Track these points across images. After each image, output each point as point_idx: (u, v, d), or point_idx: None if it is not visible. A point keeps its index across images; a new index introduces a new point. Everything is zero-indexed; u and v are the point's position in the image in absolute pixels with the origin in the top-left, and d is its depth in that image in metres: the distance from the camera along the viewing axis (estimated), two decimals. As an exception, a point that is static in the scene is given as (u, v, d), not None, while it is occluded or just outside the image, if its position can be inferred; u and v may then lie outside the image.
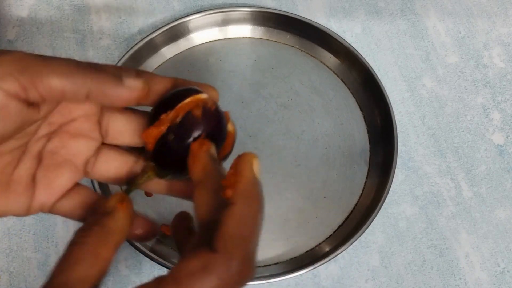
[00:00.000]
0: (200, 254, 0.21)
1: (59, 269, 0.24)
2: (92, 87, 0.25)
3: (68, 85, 0.24)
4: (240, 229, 0.21)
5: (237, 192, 0.22)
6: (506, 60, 0.55)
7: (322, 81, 0.53)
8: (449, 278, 0.46)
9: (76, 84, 0.24)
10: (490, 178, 0.50)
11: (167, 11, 0.56)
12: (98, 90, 0.25)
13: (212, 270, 0.20)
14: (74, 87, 0.24)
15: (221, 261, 0.21)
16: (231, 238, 0.21)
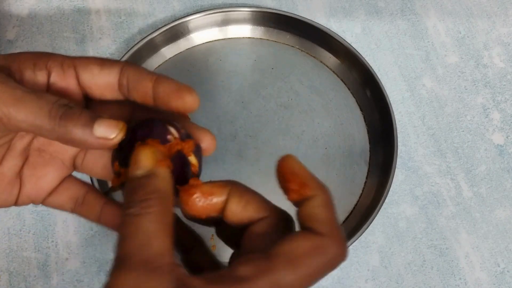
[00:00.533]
0: (308, 237, 0.23)
1: (134, 246, 0.22)
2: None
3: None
4: (333, 214, 0.24)
5: (312, 186, 0.25)
6: (506, 60, 0.55)
7: (322, 81, 0.53)
8: (449, 278, 0.46)
9: (44, 132, 0.25)
10: (490, 178, 0.50)
11: (167, 11, 0.56)
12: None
13: (324, 250, 0.23)
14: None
15: (331, 243, 0.23)
16: (331, 222, 0.24)
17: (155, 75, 0.28)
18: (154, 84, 0.27)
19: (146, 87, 0.27)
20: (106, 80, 0.28)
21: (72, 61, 0.28)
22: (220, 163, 0.49)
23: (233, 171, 0.49)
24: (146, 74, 0.28)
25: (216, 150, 0.51)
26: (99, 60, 0.28)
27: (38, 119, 0.24)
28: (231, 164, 0.49)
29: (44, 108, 0.24)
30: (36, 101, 0.25)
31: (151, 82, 0.27)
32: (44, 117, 0.24)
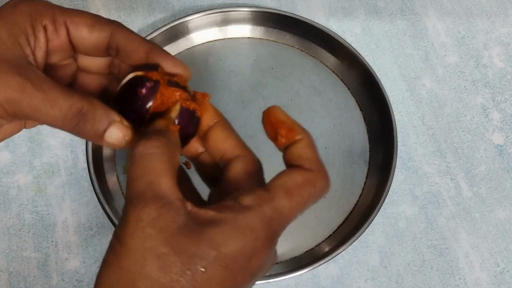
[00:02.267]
0: (300, 172, 0.27)
1: (145, 185, 0.24)
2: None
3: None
4: (317, 153, 0.28)
5: (298, 131, 0.28)
6: (506, 60, 0.55)
7: (321, 81, 0.53)
8: (449, 278, 0.46)
9: (57, 127, 0.28)
10: (489, 178, 0.50)
11: (167, 11, 0.56)
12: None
13: (314, 183, 0.27)
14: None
15: (319, 177, 0.27)
16: (317, 160, 0.27)
17: (148, 44, 0.30)
18: (149, 56, 0.30)
19: (139, 55, 0.30)
20: (94, 42, 0.30)
21: (63, 18, 0.29)
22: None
23: (233, 171, 0.49)
24: (138, 42, 0.30)
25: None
26: (90, 20, 0.30)
27: (56, 123, 0.27)
28: (231, 164, 0.49)
29: (63, 115, 0.27)
30: (66, 106, 0.27)
31: (144, 53, 0.30)
32: (63, 124, 0.27)
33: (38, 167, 0.49)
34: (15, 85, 0.26)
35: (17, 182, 0.48)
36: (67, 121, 0.27)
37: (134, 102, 0.29)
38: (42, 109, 0.26)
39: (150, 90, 0.29)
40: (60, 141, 0.50)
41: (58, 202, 0.47)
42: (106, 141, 0.28)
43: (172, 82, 0.30)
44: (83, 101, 0.27)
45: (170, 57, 0.32)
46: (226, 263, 0.23)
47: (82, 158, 0.49)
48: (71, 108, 0.27)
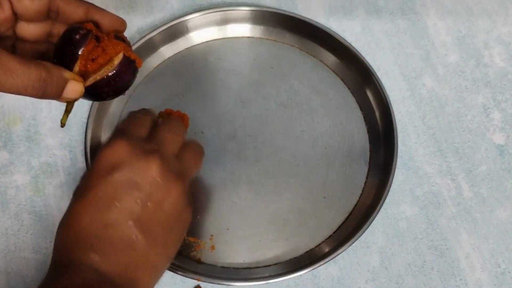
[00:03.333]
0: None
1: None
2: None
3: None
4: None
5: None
6: (507, 60, 0.55)
7: (321, 80, 0.53)
8: (450, 279, 0.46)
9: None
10: (490, 178, 0.50)
11: (166, 10, 0.56)
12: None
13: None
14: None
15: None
16: None
17: (85, 4, 0.34)
18: (87, 15, 0.34)
19: (78, 15, 0.34)
20: (36, 9, 0.33)
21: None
22: (219, 163, 0.49)
23: (232, 171, 0.49)
24: (76, 3, 0.34)
25: (216, 150, 0.51)
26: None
27: (19, 91, 0.30)
28: (230, 163, 0.49)
29: (24, 84, 0.30)
30: (26, 76, 0.30)
31: (83, 12, 0.34)
32: (26, 91, 0.30)
33: (37, 167, 0.48)
34: None
35: (15, 182, 0.48)
36: (30, 89, 0.30)
37: (69, 47, 0.33)
38: (5, 81, 0.29)
39: (83, 36, 0.33)
40: (59, 141, 0.49)
41: (57, 202, 0.47)
42: (64, 98, 0.32)
43: (118, 36, 0.35)
44: (40, 68, 0.30)
45: (107, 13, 0.35)
46: None
47: (81, 158, 0.49)
48: (31, 76, 0.30)
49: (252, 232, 0.46)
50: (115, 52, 0.34)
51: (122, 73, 0.34)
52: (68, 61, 0.33)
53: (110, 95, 0.35)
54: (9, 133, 0.50)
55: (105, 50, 0.34)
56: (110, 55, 0.34)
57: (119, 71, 0.34)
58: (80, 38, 0.33)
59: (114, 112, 0.51)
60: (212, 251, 0.45)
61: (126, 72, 0.35)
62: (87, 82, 0.34)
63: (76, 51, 0.33)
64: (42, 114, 0.50)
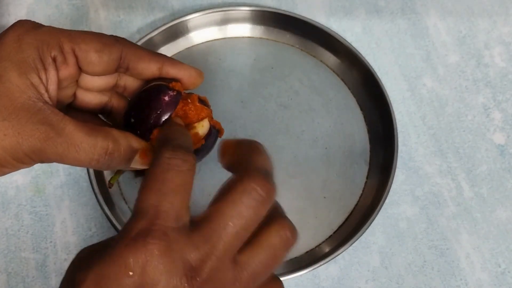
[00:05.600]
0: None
1: (163, 198, 0.22)
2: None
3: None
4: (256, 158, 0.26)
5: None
6: (507, 60, 0.55)
7: (322, 80, 0.53)
8: (450, 279, 0.46)
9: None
10: (491, 178, 0.50)
11: (166, 10, 0.56)
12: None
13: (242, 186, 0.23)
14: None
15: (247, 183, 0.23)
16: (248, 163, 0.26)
17: (159, 58, 0.30)
18: (162, 70, 0.31)
19: (151, 71, 0.30)
20: (104, 65, 0.29)
21: (71, 46, 0.28)
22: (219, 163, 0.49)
23: (232, 171, 0.48)
24: (148, 58, 0.30)
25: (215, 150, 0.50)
26: (97, 44, 0.29)
27: (82, 165, 0.27)
28: (231, 164, 0.49)
29: (88, 158, 0.27)
30: (91, 150, 0.26)
31: (157, 68, 0.30)
32: (90, 165, 0.27)
33: (37, 167, 0.48)
34: (38, 135, 0.25)
35: (16, 182, 0.48)
36: (94, 162, 0.27)
37: (154, 109, 0.28)
38: (68, 155, 0.26)
39: (173, 98, 0.28)
40: (59, 141, 0.49)
41: (57, 202, 0.47)
42: (131, 168, 0.28)
43: (201, 99, 0.31)
44: (107, 140, 0.27)
45: (184, 66, 0.32)
46: None
47: (81, 158, 0.49)
48: (96, 150, 0.27)
49: (252, 232, 0.46)
50: (198, 119, 0.29)
51: (207, 146, 0.29)
52: (149, 128, 0.28)
53: None
54: (10, 133, 0.50)
55: (187, 115, 0.29)
56: (192, 122, 0.29)
57: (205, 143, 0.29)
58: (169, 102, 0.28)
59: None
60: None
61: (211, 143, 0.30)
62: None
63: (161, 118, 0.28)
64: (43, 114, 0.50)
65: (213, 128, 0.30)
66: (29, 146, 0.25)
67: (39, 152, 0.26)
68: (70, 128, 0.26)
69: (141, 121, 0.28)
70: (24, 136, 0.25)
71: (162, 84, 0.29)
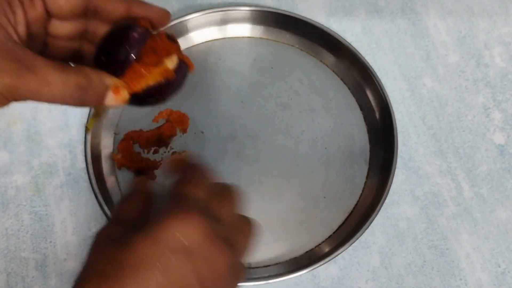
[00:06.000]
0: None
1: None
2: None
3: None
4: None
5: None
6: (507, 60, 0.55)
7: (322, 80, 0.53)
8: (450, 279, 0.46)
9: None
10: (491, 178, 0.50)
11: (166, 10, 0.55)
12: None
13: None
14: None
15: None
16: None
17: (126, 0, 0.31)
18: (130, 10, 0.31)
19: (119, 12, 0.31)
20: (71, 8, 0.30)
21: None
22: (219, 163, 0.49)
23: (232, 171, 0.48)
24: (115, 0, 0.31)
25: (216, 150, 0.51)
26: None
27: (56, 101, 0.27)
28: (231, 164, 0.49)
29: (62, 93, 0.27)
30: (64, 85, 0.27)
31: (125, 9, 0.31)
32: (64, 101, 0.28)
33: (37, 167, 0.48)
34: (10, 72, 0.26)
35: (15, 182, 0.48)
36: (68, 98, 0.28)
37: (123, 46, 0.29)
38: (41, 91, 0.27)
39: (141, 35, 0.29)
40: (59, 141, 0.49)
41: (57, 202, 0.47)
42: (105, 105, 0.29)
43: (169, 36, 0.31)
44: (79, 75, 0.28)
45: (152, 7, 0.32)
46: None
47: (81, 158, 0.49)
48: (68, 85, 0.27)
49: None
50: (167, 54, 0.30)
51: (178, 79, 0.31)
52: (119, 64, 0.29)
53: (159, 101, 0.32)
54: (9, 133, 0.50)
55: (156, 52, 0.30)
56: (161, 57, 0.30)
57: (176, 77, 0.30)
58: (138, 38, 0.29)
59: (114, 112, 0.51)
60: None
61: (181, 77, 0.31)
62: (137, 87, 0.30)
63: (131, 53, 0.29)
64: (42, 114, 0.50)
65: (182, 62, 0.31)
66: (2, 83, 0.26)
67: (12, 89, 0.26)
68: (41, 65, 0.27)
69: (111, 58, 0.29)
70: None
71: (130, 22, 0.30)
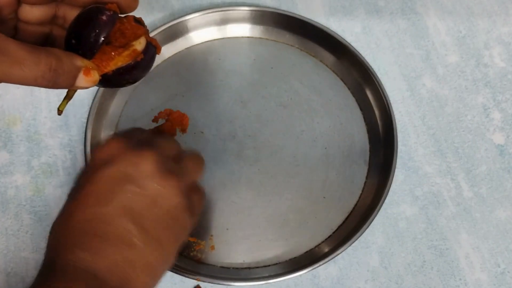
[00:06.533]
0: None
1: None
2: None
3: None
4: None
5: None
6: (507, 60, 0.55)
7: (321, 80, 0.53)
8: (449, 279, 0.46)
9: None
10: (490, 178, 0.50)
11: (166, 9, 0.56)
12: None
13: None
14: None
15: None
16: None
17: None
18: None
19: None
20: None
21: None
22: (219, 163, 0.49)
23: (232, 171, 0.49)
24: None
25: (216, 150, 0.51)
26: None
27: (28, 83, 0.28)
28: (230, 163, 0.49)
29: (33, 74, 0.27)
30: (35, 66, 0.27)
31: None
32: (35, 82, 0.28)
33: (37, 167, 0.48)
34: None
35: (15, 182, 0.48)
36: (40, 79, 0.28)
37: (93, 28, 0.30)
38: (13, 72, 0.27)
39: (110, 18, 0.30)
40: (59, 141, 0.49)
41: (57, 202, 0.47)
42: (76, 87, 0.30)
43: (137, 19, 0.33)
44: (50, 57, 0.28)
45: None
46: None
47: (81, 158, 0.49)
48: (40, 67, 0.28)
49: (252, 232, 0.46)
50: (135, 37, 0.32)
51: (146, 60, 0.32)
52: (89, 46, 0.30)
53: (129, 82, 0.33)
54: (9, 133, 0.50)
55: (124, 34, 0.32)
56: (130, 40, 0.32)
57: (143, 58, 0.32)
58: (106, 21, 0.30)
59: (114, 112, 0.51)
60: (212, 251, 0.45)
61: (149, 59, 0.33)
62: (107, 68, 0.31)
63: (100, 36, 0.30)
64: (42, 114, 0.50)
65: (150, 44, 0.32)
66: None
67: None
68: (12, 46, 0.27)
69: (81, 41, 0.30)
70: None
71: (98, 6, 0.31)
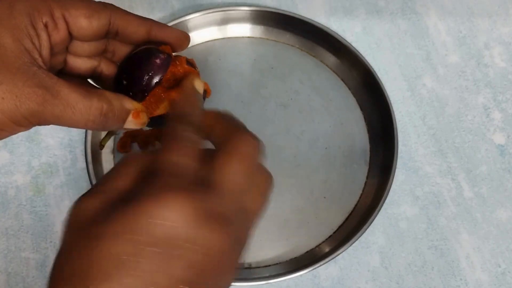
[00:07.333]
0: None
1: (180, 158, 0.24)
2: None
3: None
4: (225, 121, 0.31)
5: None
6: (507, 60, 0.55)
7: (322, 80, 0.53)
8: (450, 279, 0.46)
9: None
10: (491, 178, 0.50)
11: (166, 9, 0.56)
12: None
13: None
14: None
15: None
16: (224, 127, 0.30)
17: (147, 22, 0.32)
18: (150, 33, 0.32)
19: (140, 35, 0.32)
20: (94, 30, 0.30)
21: (61, 12, 0.29)
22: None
23: (232, 171, 0.48)
24: (137, 23, 0.32)
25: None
26: (87, 10, 0.30)
27: (78, 126, 0.28)
28: (231, 164, 0.49)
29: (84, 118, 0.28)
30: (87, 111, 0.28)
31: (146, 32, 0.32)
32: (86, 126, 0.28)
33: (37, 167, 0.48)
34: (35, 98, 0.26)
35: (16, 182, 0.48)
36: (91, 124, 0.28)
37: (146, 71, 0.30)
38: (64, 116, 0.27)
39: (164, 61, 0.30)
40: (59, 141, 0.49)
41: (57, 202, 0.47)
42: (125, 128, 0.30)
43: (189, 61, 0.32)
44: (101, 101, 0.28)
45: (171, 29, 0.32)
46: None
47: (81, 158, 0.49)
48: (91, 111, 0.28)
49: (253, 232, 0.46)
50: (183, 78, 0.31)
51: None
52: (141, 89, 0.30)
53: None
54: (9, 133, 0.50)
55: (176, 77, 0.30)
56: (177, 81, 0.31)
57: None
58: (160, 64, 0.30)
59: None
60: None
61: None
62: (156, 112, 0.30)
63: (153, 80, 0.30)
64: (42, 114, 0.50)
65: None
66: (27, 108, 0.26)
67: (37, 114, 0.27)
68: (65, 90, 0.27)
69: (133, 83, 0.30)
70: (22, 99, 0.26)
71: (152, 47, 0.30)
